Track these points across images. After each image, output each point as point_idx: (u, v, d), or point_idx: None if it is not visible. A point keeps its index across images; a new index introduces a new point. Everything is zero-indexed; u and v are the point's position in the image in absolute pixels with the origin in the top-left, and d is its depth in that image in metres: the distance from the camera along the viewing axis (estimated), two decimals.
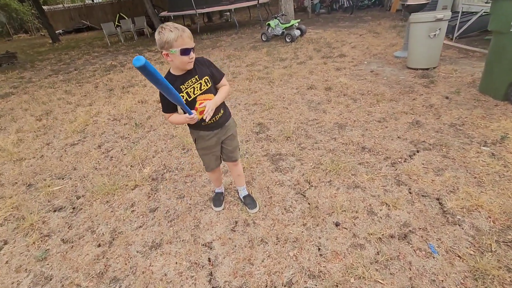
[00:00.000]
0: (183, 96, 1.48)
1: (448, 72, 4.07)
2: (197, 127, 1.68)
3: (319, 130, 3.04)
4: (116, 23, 12.07)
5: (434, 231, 1.72)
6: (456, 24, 5.37)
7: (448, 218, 1.79)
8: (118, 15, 13.56)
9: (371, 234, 1.74)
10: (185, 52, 1.37)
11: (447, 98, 3.34)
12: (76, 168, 2.91)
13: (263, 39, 7.68)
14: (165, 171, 2.68)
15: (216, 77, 1.62)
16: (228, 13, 13.05)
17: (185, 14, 10.56)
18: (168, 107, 1.55)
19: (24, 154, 3.31)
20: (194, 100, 1.53)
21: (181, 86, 1.48)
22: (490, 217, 1.76)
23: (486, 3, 4.83)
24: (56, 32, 15.56)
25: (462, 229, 1.71)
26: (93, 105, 4.68)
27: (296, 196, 2.15)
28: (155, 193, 2.38)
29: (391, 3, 10.34)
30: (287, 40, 7.13)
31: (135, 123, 3.71)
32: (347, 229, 1.81)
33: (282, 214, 2.00)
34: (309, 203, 2.06)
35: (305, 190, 2.20)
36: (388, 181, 2.18)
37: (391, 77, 4.21)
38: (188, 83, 1.50)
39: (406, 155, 2.47)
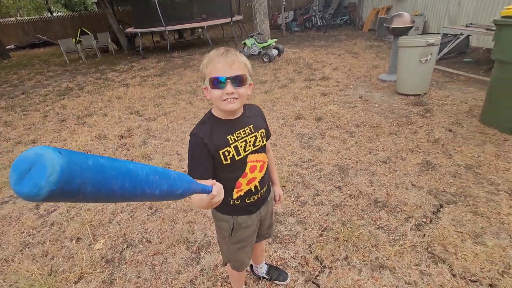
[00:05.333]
0: (228, 152, 0.99)
1: (441, 98, 3.84)
2: (232, 209, 1.12)
3: (318, 175, 2.55)
4: (78, 38, 11.03)
5: None
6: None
7: None
8: (79, 29, 12.49)
9: None
10: (214, 83, 0.91)
11: (450, 131, 3.04)
12: None
13: None
14: (124, 245, 1.99)
15: (268, 134, 1.17)
16: (200, 30, 12.59)
17: (153, 31, 9.88)
18: (202, 169, 0.97)
19: None
20: (244, 161, 1.03)
21: (228, 137, 1.00)
22: None
23: (466, 26, 4.82)
24: (7, 47, 14.00)
25: None
26: (37, 142, 3.83)
27: (308, 287, 1.59)
28: None
29: (363, 23, 10.54)
30: (265, 60, 6.75)
31: None
32: None
33: None
34: None
35: (317, 275, 1.65)
36: (421, 256, 1.70)
37: (382, 104, 3.90)
38: (240, 133, 1.02)
39: (429, 211, 2.03)
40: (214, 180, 0.80)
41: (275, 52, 6.86)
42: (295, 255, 1.79)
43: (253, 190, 1.09)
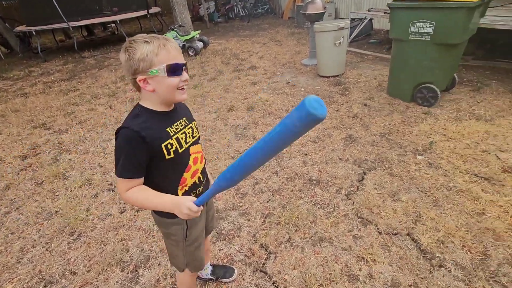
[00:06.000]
0: (171, 145, 0.92)
1: (355, 77, 4.26)
2: None
3: None
4: None
5: (425, 285, 1.45)
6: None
7: (430, 260, 1.57)
8: None
9: None
10: (175, 69, 0.86)
11: (365, 105, 3.39)
12: None
13: None
14: (41, 285, 1.67)
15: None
16: (113, 25, 11.33)
17: (54, 29, 8.46)
18: (136, 166, 0.88)
19: None
20: (186, 153, 0.98)
21: (168, 129, 0.93)
22: (464, 246, 1.62)
23: (368, 11, 5.41)
24: None
25: (449, 271, 1.50)
26: None
27: (256, 277, 1.59)
28: None
29: (282, 11, 10.96)
30: (190, 53, 6.47)
31: None
32: None
33: None
34: (276, 286, 1.53)
35: (263, 263, 1.66)
36: (353, 223, 1.86)
37: (308, 87, 4.12)
38: (177, 125, 0.97)
39: (356, 180, 2.23)
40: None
41: (200, 44, 6.62)
42: (240, 248, 1.77)
43: (197, 182, 1.05)
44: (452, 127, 2.74)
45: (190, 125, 1.03)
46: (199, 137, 1.08)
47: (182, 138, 0.96)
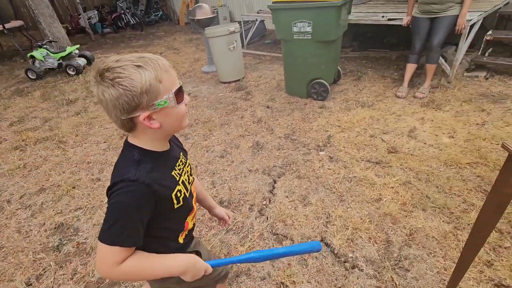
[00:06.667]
0: (180, 192, 0.76)
1: (256, 79, 4.27)
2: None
3: None
4: None
5: None
6: (241, 32, 5.88)
7: (344, 264, 1.55)
8: None
9: None
10: (181, 95, 0.70)
11: (268, 107, 3.39)
12: None
13: (31, 77, 5.48)
14: None
15: None
16: None
17: None
18: (140, 231, 0.68)
19: None
20: (191, 195, 0.84)
21: (173, 173, 0.77)
22: (370, 238, 1.67)
23: (257, 13, 5.54)
24: None
25: (362, 271, 1.50)
26: None
27: None
28: None
29: (178, 17, 10.49)
30: (70, 72, 5.45)
31: None
32: None
33: None
34: None
35: None
36: (268, 242, 1.73)
37: (210, 96, 3.91)
38: (179, 165, 0.81)
39: (267, 192, 2.13)
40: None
41: (82, 61, 5.65)
42: None
43: (194, 224, 0.93)
44: (344, 117, 2.95)
45: (188, 161, 0.88)
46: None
47: (186, 180, 0.82)
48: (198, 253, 0.84)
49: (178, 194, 0.76)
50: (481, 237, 1.01)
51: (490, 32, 3.36)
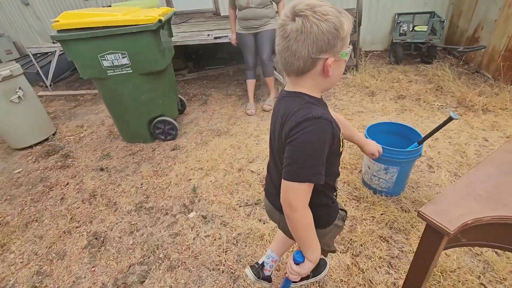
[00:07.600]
0: (341, 136, 0.83)
1: (75, 132, 3.13)
2: (335, 207, 0.96)
3: None
4: None
5: None
6: (37, 70, 4.33)
7: None
8: None
9: None
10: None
11: (102, 170, 2.45)
12: None
13: None
14: None
15: None
16: None
17: None
18: (322, 169, 0.73)
19: None
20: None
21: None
22: None
23: (54, 43, 4.18)
24: None
25: None
26: None
27: None
28: None
29: None
30: None
31: None
32: None
33: None
34: None
35: None
36: None
37: (2, 175, 2.50)
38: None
39: None
40: None
41: None
42: None
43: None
44: (204, 155, 2.49)
45: None
46: None
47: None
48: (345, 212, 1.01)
49: (341, 136, 0.79)
50: None
51: None
